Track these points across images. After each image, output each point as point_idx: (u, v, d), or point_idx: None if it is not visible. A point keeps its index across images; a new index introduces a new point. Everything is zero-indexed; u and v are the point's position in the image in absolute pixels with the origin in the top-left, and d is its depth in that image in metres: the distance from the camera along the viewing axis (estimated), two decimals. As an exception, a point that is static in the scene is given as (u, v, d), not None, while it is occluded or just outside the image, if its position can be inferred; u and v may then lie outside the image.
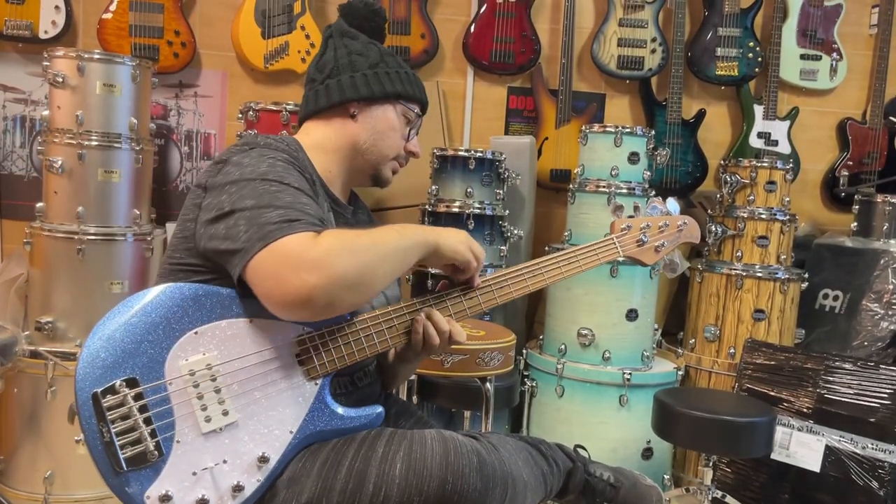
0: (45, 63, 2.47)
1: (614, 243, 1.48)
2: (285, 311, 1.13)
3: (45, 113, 2.50)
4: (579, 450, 1.59)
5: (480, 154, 2.64)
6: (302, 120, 1.47)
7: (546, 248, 2.77)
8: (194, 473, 1.12)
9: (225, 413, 1.15)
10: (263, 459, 1.16)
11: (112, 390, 1.11)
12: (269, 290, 1.11)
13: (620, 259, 1.50)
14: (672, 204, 1.56)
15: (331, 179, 1.41)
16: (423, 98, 1.50)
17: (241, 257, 1.13)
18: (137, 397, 1.12)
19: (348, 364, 1.24)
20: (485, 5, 3.13)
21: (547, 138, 3.19)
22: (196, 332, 1.16)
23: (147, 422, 1.11)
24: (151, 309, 1.15)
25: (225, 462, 1.14)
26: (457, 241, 1.30)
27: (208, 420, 1.14)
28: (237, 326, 1.19)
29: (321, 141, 1.40)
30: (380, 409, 1.27)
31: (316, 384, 1.22)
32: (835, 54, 3.29)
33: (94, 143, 2.47)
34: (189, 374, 1.15)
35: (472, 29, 3.14)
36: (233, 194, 1.18)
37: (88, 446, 1.10)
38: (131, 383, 1.12)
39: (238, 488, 1.14)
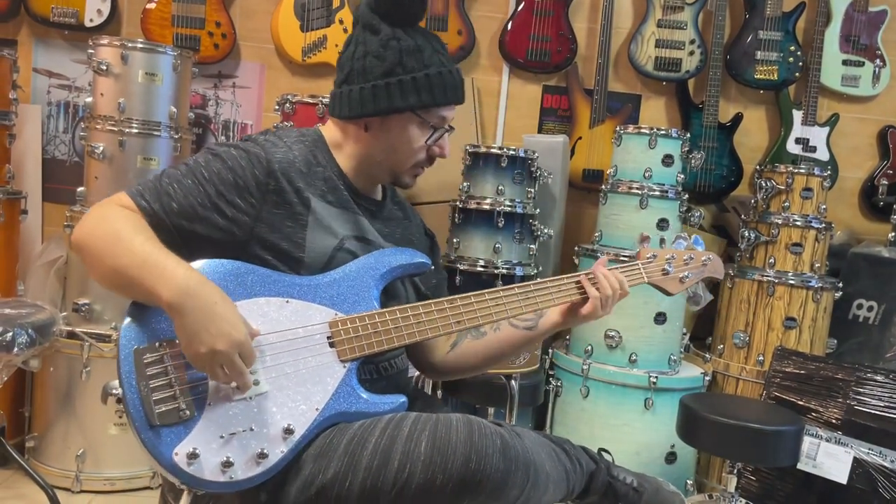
0: (90, 51, 2.52)
1: (639, 269, 1.52)
2: None
3: (89, 100, 2.56)
4: (603, 453, 1.60)
5: (513, 152, 2.64)
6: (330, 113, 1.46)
7: (576, 248, 2.77)
8: (222, 437, 1.16)
9: (256, 383, 1.20)
10: (289, 431, 1.19)
11: (152, 348, 1.16)
12: None
13: (644, 284, 1.53)
14: (697, 240, 1.61)
15: (353, 175, 1.41)
16: (447, 100, 1.37)
17: None
18: (175, 357, 1.17)
19: (376, 351, 1.28)
20: (523, 3, 3.13)
21: (580, 138, 3.18)
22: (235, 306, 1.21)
23: (181, 381, 1.16)
24: None
25: (252, 429, 1.18)
26: (213, 336, 1.12)
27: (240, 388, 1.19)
28: (274, 304, 1.25)
29: (338, 142, 1.41)
30: (403, 398, 1.30)
31: (344, 367, 1.26)
32: (878, 61, 3.22)
33: (135, 130, 2.52)
34: None
35: (510, 26, 3.14)
36: None
37: (125, 399, 1.15)
38: (171, 344, 1.17)
39: (262, 455, 1.17)
